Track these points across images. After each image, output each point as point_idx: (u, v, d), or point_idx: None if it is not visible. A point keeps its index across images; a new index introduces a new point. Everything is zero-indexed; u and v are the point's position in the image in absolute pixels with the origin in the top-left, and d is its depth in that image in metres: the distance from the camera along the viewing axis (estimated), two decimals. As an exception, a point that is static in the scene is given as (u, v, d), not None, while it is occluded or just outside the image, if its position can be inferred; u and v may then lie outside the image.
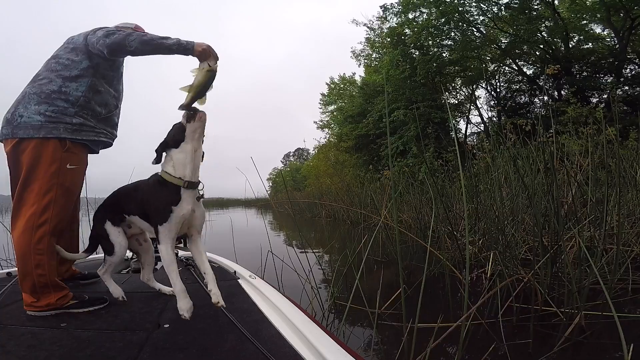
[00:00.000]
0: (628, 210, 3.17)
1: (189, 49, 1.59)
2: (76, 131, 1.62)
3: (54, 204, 1.57)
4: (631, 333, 1.91)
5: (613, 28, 10.94)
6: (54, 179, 1.56)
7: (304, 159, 45.70)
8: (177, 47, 1.59)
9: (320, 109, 25.49)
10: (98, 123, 1.71)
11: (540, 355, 1.65)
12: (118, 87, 1.84)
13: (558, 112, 6.92)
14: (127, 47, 1.59)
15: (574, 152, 4.21)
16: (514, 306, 2.10)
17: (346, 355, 1.11)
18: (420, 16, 12.85)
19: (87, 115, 1.66)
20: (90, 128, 1.67)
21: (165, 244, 1.51)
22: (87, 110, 1.66)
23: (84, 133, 1.64)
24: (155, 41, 1.59)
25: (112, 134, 1.84)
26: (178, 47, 1.59)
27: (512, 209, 3.14)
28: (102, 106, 1.72)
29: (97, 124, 1.70)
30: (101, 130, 1.73)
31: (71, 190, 1.66)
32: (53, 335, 1.32)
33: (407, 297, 1.70)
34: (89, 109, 1.67)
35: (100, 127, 1.73)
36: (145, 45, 1.59)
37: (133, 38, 1.57)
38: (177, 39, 1.60)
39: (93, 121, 1.69)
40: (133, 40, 1.57)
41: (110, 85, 1.77)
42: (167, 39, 1.60)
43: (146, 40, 1.58)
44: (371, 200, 7.28)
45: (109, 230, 1.70)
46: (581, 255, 2.09)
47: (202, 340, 1.29)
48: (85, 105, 1.65)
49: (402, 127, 12.12)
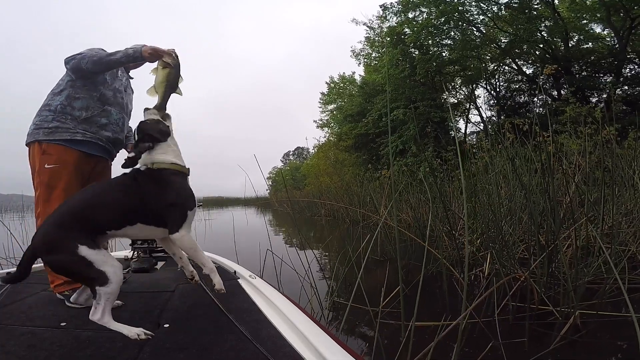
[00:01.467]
0: (625, 209, 3.18)
1: (137, 56, 1.80)
2: (51, 133, 1.83)
3: (41, 200, 1.80)
4: (627, 332, 1.93)
5: (613, 28, 10.93)
6: (37, 178, 1.82)
7: (303, 158, 45.70)
8: (125, 58, 1.81)
9: (320, 108, 25.49)
10: (79, 124, 1.88)
11: (535, 354, 1.67)
12: (105, 91, 1.98)
13: (557, 111, 6.92)
14: (84, 69, 1.84)
15: (572, 151, 4.22)
16: (510, 305, 2.12)
17: (346, 355, 1.13)
18: (420, 15, 12.83)
19: (65, 119, 1.86)
20: (65, 129, 1.85)
21: (187, 230, 1.54)
22: (64, 114, 1.87)
23: (57, 134, 1.83)
24: (104, 59, 1.81)
25: (96, 133, 1.94)
26: (127, 57, 1.81)
27: (510, 208, 3.16)
28: (82, 109, 1.90)
29: (77, 125, 1.88)
30: (78, 130, 1.87)
31: (52, 187, 1.80)
32: (53, 335, 1.32)
33: (405, 296, 1.71)
34: (66, 114, 1.87)
35: (81, 127, 1.88)
36: (97, 65, 1.82)
37: (86, 61, 1.80)
38: (124, 51, 1.81)
39: (72, 123, 1.87)
40: (86, 62, 1.80)
41: (93, 91, 1.93)
42: (115, 54, 1.82)
43: (96, 61, 1.81)
44: (370, 199, 7.29)
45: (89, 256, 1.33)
46: (578, 254, 2.10)
47: (202, 340, 1.30)
48: (62, 111, 1.87)
49: (402, 127, 12.12)
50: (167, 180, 1.56)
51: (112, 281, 1.34)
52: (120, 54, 1.81)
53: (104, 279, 1.33)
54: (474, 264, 2.96)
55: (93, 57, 1.81)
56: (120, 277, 1.39)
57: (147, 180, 1.54)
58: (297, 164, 41.42)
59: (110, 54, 1.83)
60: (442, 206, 3.57)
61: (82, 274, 1.36)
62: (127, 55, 1.80)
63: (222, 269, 2.43)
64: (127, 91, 2.18)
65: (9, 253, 3.90)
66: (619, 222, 2.86)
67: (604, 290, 2.03)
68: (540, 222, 2.52)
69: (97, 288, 1.34)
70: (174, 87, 1.81)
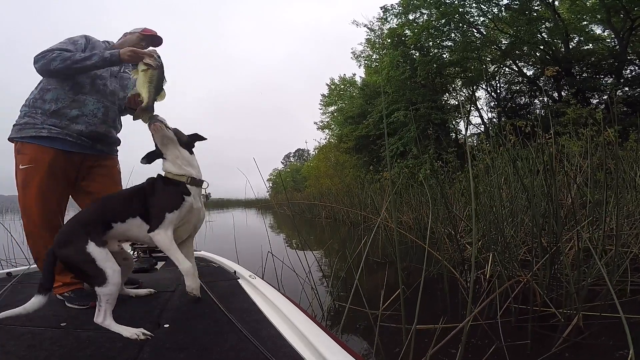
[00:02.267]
0: (627, 211, 3.17)
1: (114, 60, 1.70)
2: (20, 130, 1.73)
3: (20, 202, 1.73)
4: (631, 334, 1.92)
5: (613, 29, 10.94)
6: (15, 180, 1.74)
7: (304, 159, 45.69)
8: (102, 62, 1.70)
9: (321, 110, 25.55)
10: (48, 118, 1.74)
11: (538, 356, 1.66)
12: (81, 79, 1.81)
13: (558, 113, 6.92)
14: (52, 71, 1.72)
15: (574, 153, 4.21)
16: (512, 307, 2.11)
17: (346, 355, 1.12)
18: (420, 17, 12.86)
19: (35, 113, 1.74)
20: (32, 125, 1.72)
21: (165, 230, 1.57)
22: (35, 108, 1.75)
23: (24, 131, 1.72)
24: (78, 64, 1.69)
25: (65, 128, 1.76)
26: (103, 61, 1.70)
27: (512, 210, 3.15)
28: (52, 102, 1.76)
29: (45, 120, 1.73)
30: (44, 126, 1.72)
31: (26, 188, 1.71)
32: (53, 335, 1.32)
33: (406, 298, 1.70)
34: (37, 107, 1.75)
35: (50, 122, 1.74)
36: (68, 69, 1.69)
37: (56, 63, 1.68)
38: (101, 54, 1.70)
39: (41, 118, 1.74)
40: (56, 64, 1.68)
41: (65, 80, 1.78)
42: (90, 57, 1.69)
43: (68, 65, 1.68)
44: (371, 201, 7.28)
45: (94, 253, 1.40)
46: (580, 256, 2.09)
47: (202, 340, 1.29)
48: (33, 105, 1.76)
49: (402, 128, 12.12)
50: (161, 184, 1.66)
51: (110, 282, 1.38)
52: (96, 57, 1.69)
53: (102, 279, 1.37)
54: (476, 266, 2.95)
55: (65, 59, 1.68)
56: (118, 280, 1.42)
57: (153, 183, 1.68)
58: (298, 166, 41.44)
59: (85, 57, 1.69)
60: (444, 208, 3.56)
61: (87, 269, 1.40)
62: (103, 59, 1.69)
63: (222, 269, 2.42)
64: (116, 76, 1.99)
65: (9, 254, 3.90)
66: (621, 224, 2.85)
67: (607, 292, 2.02)
68: (542, 224, 2.51)
69: (96, 289, 1.37)
70: (159, 89, 1.72)
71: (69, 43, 1.81)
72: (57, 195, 1.75)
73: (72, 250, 1.40)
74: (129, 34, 1.98)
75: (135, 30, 1.98)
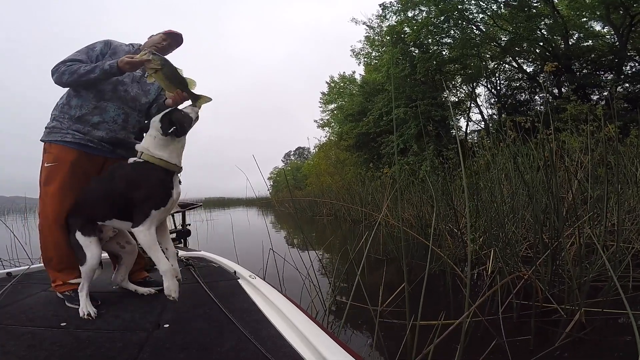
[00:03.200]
0: (628, 206, 3.16)
1: (114, 71, 1.75)
2: (49, 133, 1.84)
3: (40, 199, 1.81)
4: (632, 329, 1.91)
5: (613, 25, 10.91)
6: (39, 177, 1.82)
7: (304, 157, 45.71)
8: (103, 74, 1.76)
9: (321, 108, 25.51)
10: (74, 124, 1.82)
11: (540, 352, 1.65)
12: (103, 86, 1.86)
13: (558, 109, 6.91)
14: (65, 84, 1.81)
15: (574, 149, 4.20)
16: (514, 303, 2.10)
17: (346, 355, 1.11)
18: (419, 14, 12.82)
19: (63, 118, 1.83)
20: (58, 130, 1.82)
21: (149, 227, 1.56)
22: (63, 113, 1.84)
23: (52, 135, 1.82)
24: (83, 78, 1.75)
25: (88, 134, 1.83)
26: (104, 73, 1.75)
27: (513, 206, 3.14)
28: (76, 107, 1.84)
29: (71, 125, 1.82)
30: (69, 131, 1.81)
31: (48, 185, 1.78)
32: (53, 335, 1.32)
33: (408, 294, 1.70)
34: (64, 112, 1.84)
35: (74, 127, 1.82)
36: (76, 82, 1.78)
37: (66, 77, 1.76)
38: (101, 66, 1.75)
39: (67, 123, 1.82)
40: (67, 78, 1.76)
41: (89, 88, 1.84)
42: (93, 70, 1.75)
43: (75, 78, 1.76)
44: (372, 198, 7.28)
45: (80, 239, 1.62)
46: (581, 252, 2.09)
47: (202, 340, 1.29)
48: (61, 110, 1.85)
49: (403, 125, 12.11)
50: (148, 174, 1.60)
51: (88, 264, 1.59)
52: (98, 70, 1.74)
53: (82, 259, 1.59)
54: (477, 262, 2.95)
55: (72, 73, 1.75)
56: (94, 264, 1.60)
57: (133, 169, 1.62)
58: (298, 164, 41.45)
59: (88, 70, 1.75)
60: (445, 204, 3.56)
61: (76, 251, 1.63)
62: (104, 71, 1.74)
63: (222, 269, 2.42)
64: (138, 81, 2.00)
65: (11, 254, 3.90)
66: (623, 219, 2.85)
67: (609, 287, 2.01)
68: (543, 219, 2.50)
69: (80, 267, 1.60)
70: (182, 80, 1.77)
71: (84, 52, 1.87)
72: (75, 194, 1.80)
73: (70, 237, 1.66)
74: (154, 36, 2.05)
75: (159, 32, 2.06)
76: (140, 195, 1.57)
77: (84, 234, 1.63)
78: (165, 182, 1.62)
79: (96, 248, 1.63)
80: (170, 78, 1.74)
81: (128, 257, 1.84)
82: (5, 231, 4.34)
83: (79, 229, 1.63)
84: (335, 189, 11.79)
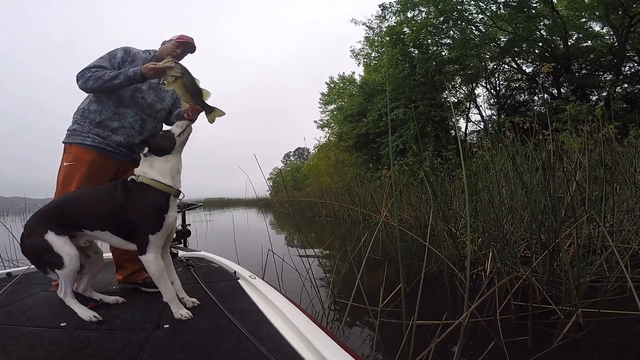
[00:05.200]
0: (627, 207, 3.17)
1: (137, 78, 1.79)
2: (70, 136, 1.91)
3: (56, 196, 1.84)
4: (630, 330, 1.93)
5: (612, 26, 10.92)
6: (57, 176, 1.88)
7: (304, 158, 45.67)
8: (127, 81, 1.80)
9: (320, 109, 25.48)
10: (94, 128, 1.90)
11: (538, 353, 1.66)
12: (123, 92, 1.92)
13: (557, 109, 6.92)
14: (90, 90, 1.86)
15: (573, 149, 4.21)
16: (512, 304, 2.11)
17: (346, 355, 1.12)
18: (419, 15, 12.82)
19: (84, 122, 1.91)
20: (79, 132, 1.90)
21: (156, 254, 1.52)
22: (84, 117, 1.91)
23: (73, 137, 1.90)
24: (108, 83, 1.80)
25: (107, 138, 1.90)
26: (128, 80, 1.80)
27: (511, 206, 3.15)
28: (96, 112, 1.91)
29: (92, 129, 1.90)
30: (89, 135, 1.89)
31: (66, 184, 1.83)
32: (53, 335, 1.32)
33: (406, 295, 1.70)
34: (85, 117, 1.91)
35: (94, 132, 1.89)
36: (100, 87, 1.82)
37: (91, 82, 1.81)
38: (125, 72, 1.80)
39: (88, 127, 1.90)
40: (92, 84, 1.81)
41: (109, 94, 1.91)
42: (117, 76, 1.80)
43: (100, 84, 1.81)
44: (371, 199, 7.28)
45: (52, 241, 1.51)
46: (579, 253, 2.09)
47: (202, 340, 1.30)
48: (82, 114, 1.92)
49: (402, 126, 12.11)
50: (140, 197, 1.55)
51: (67, 266, 1.50)
52: (122, 76, 1.79)
53: (60, 263, 1.50)
54: (476, 262, 2.96)
55: (97, 79, 1.80)
56: (75, 264, 1.52)
57: (125, 191, 1.57)
58: (298, 165, 41.39)
59: (113, 76, 1.80)
60: (444, 205, 3.56)
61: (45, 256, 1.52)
62: (128, 77, 1.79)
63: (222, 269, 2.43)
64: (155, 89, 2.06)
65: (11, 255, 3.90)
66: (621, 219, 2.85)
67: (607, 288, 2.02)
68: (541, 220, 2.51)
69: (57, 271, 1.52)
70: (198, 92, 1.78)
71: (106, 59, 1.92)
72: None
73: (33, 239, 1.53)
74: (167, 42, 2.10)
75: (172, 38, 2.10)
76: (135, 216, 1.52)
77: (57, 234, 1.52)
78: (158, 205, 1.55)
79: (72, 248, 1.53)
80: (187, 87, 1.76)
81: (92, 267, 1.75)
82: (5, 231, 4.34)
83: (52, 230, 1.52)
84: (334, 189, 11.79)
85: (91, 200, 1.61)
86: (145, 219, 1.52)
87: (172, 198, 1.60)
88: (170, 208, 1.59)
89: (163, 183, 1.57)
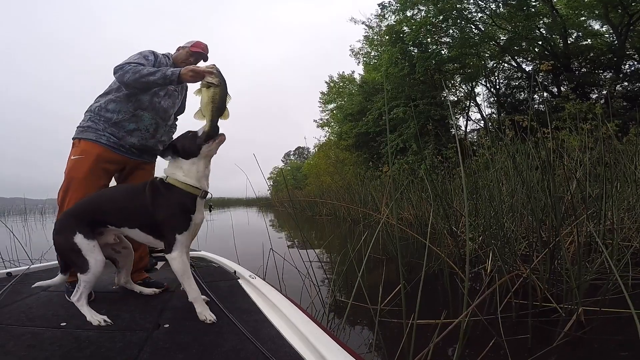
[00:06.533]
0: (627, 205, 3.16)
1: (174, 79, 1.77)
2: (83, 132, 1.93)
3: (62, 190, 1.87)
4: (632, 328, 1.92)
5: (611, 24, 10.92)
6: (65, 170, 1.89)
7: (304, 157, 45.67)
8: (163, 80, 1.79)
9: (320, 108, 25.48)
10: (109, 127, 1.93)
11: (539, 351, 1.65)
12: (142, 96, 1.96)
13: (557, 108, 6.92)
14: (125, 83, 1.86)
15: (573, 147, 4.21)
16: (513, 302, 2.10)
17: (346, 355, 1.12)
18: (418, 14, 12.81)
19: (99, 120, 1.93)
20: (94, 130, 1.92)
21: (181, 252, 1.53)
22: (99, 116, 1.94)
23: (86, 133, 1.92)
24: (144, 78, 1.80)
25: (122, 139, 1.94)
26: (164, 79, 1.79)
27: (511, 204, 3.14)
28: (114, 112, 1.94)
29: (107, 128, 1.92)
30: (105, 133, 1.91)
31: (72, 178, 1.86)
32: (53, 335, 1.32)
33: (406, 294, 1.70)
34: (101, 115, 1.94)
35: (110, 130, 1.92)
36: (137, 82, 1.83)
37: (129, 75, 1.82)
38: (163, 71, 1.79)
39: (103, 125, 1.92)
40: (129, 77, 1.82)
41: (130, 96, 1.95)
42: (154, 73, 1.79)
43: (137, 78, 1.81)
44: (372, 198, 7.28)
45: (81, 244, 1.52)
46: (580, 251, 2.09)
47: (202, 340, 1.29)
48: (97, 112, 1.94)
49: (402, 125, 12.11)
50: (168, 197, 1.57)
51: (91, 272, 1.51)
52: (159, 74, 1.78)
53: (85, 267, 1.51)
54: (476, 261, 2.95)
55: (135, 72, 1.80)
56: (99, 270, 1.53)
57: (155, 190, 1.60)
58: (298, 164, 41.41)
59: (150, 72, 1.79)
60: (444, 203, 3.56)
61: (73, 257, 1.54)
62: (164, 77, 1.78)
63: (222, 269, 2.42)
64: (170, 95, 2.10)
65: (11, 255, 3.90)
66: (621, 217, 2.85)
67: (608, 286, 2.02)
68: (542, 218, 2.50)
69: (78, 275, 1.52)
70: (222, 109, 1.67)
71: (141, 57, 1.95)
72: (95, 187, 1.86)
73: (62, 238, 1.55)
74: (181, 49, 2.14)
75: (186, 44, 2.12)
76: (162, 215, 1.54)
77: (87, 237, 1.54)
78: (185, 205, 1.57)
79: (99, 254, 1.55)
80: (216, 100, 1.64)
81: (125, 260, 1.81)
82: (5, 232, 4.35)
83: (81, 232, 1.54)
84: (334, 188, 11.79)
85: (122, 198, 1.66)
86: (172, 219, 1.55)
87: (198, 199, 1.61)
88: (197, 209, 1.61)
89: (189, 184, 1.59)
